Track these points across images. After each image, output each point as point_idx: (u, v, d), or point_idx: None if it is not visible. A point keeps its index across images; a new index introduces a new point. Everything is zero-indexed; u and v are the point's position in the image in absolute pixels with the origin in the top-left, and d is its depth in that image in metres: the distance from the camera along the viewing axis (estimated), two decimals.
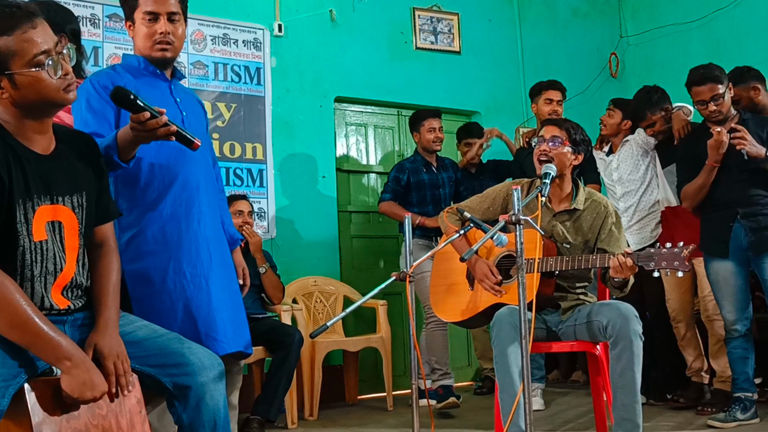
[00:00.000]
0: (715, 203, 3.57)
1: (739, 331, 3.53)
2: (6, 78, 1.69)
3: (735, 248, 3.51)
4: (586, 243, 2.97)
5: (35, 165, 1.75)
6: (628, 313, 2.66)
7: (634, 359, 2.62)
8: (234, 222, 4.02)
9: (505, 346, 2.67)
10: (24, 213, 1.71)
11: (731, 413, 3.47)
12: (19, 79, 1.69)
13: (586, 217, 2.98)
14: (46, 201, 1.76)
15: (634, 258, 2.64)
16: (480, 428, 3.77)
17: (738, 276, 3.53)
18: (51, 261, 1.77)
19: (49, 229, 1.77)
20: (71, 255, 1.83)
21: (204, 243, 2.30)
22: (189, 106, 2.42)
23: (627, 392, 2.62)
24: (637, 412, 2.63)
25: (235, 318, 2.36)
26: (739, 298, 3.53)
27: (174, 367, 1.86)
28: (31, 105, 1.73)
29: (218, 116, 4.64)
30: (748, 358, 3.54)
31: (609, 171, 4.27)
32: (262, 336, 3.82)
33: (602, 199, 3.05)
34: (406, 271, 2.38)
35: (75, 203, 1.84)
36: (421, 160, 4.54)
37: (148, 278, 2.20)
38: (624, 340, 2.63)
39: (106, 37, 4.33)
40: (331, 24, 5.11)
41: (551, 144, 2.92)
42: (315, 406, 4.19)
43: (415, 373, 2.50)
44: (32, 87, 1.70)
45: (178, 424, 1.90)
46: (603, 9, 6.29)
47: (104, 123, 2.18)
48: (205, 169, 2.41)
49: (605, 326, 2.69)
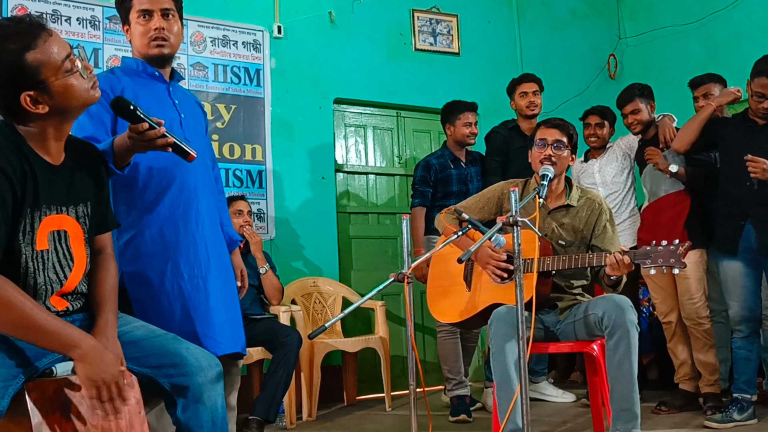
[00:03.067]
0: (726, 199, 3.55)
1: (743, 332, 3.51)
2: (43, 90, 1.70)
3: (745, 248, 3.47)
4: (581, 240, 2.99)
5: (46, 175, 1.77)
6: (624, 304, 2.68)
7: (630, 349, 2.63)
8: (234, 222, 4.06)
9: (502, 344, 2.68)
10: (31, 223, 1.73)
11: (728, 414, 3.45)
12: (55, 87, 1.71)
13: (580, 213, 3.00)
14: (52, 211, 1.78)
15: (631, 256, 2.66)
16: (478, 428, 3.78)
17: (747, 277, 3.49)
18: (52, 270, 1.78)
19: (52, 239, 1.78)
20: (79, 264, 1.84)
21: (202, 244, 2.31)
22: (187, 107, 2.43)
23: (624, 382, 2.63)
24: (635, 402, 2.64)
25: (232, 319, 2.37)
26: (747, 298, 3.49)
27: (171, 367, 1.87)
28: (67, 110, 1.76)
29: (218, 117, 4.65)
30: (752, 360, 3.51)
31: (588, 173, 4.31)
32: (261, 336, 3.83)
33: (596, 196, 3.07)
34: (405, 271, 2.39)
35: (79, 213, 1.85)
36: (449, 155, 4.38)
37: (146, 279, 2.21)
38: (620, 329, 2.64)
39: (106, 38, 4.34)
40: (330, 25, 5.13)
41: (555, 149, 2.94)
42: (314, 406, 4.20)
43: (413, 374, 2.51)
44: (67, 92, 1.73)
45: (176, 424, 1.91)
46: (601, 10, 6.30)
47: (101, 127, 2.19)
48: (204, 171, 2.41)
49: (601, 318, 2.71)
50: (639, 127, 4.06)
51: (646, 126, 4.05)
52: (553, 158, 2.92)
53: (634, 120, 4.05)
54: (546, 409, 4.20)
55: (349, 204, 5.22)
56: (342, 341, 4.47)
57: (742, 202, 3.47)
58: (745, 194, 3.45)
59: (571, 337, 2.91)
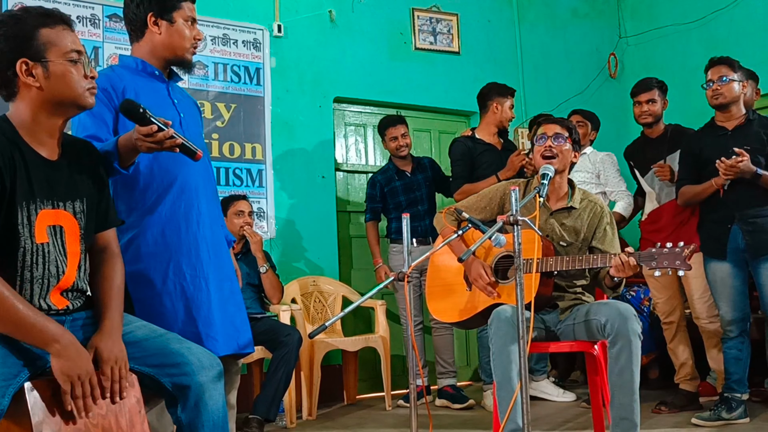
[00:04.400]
0: (715, 204, 3.58)
1: (733, 333, 3.54)
2: (41, 66, 1.76)
3: (732, 250, 3.52)
4: (582, 242, 2.98)
5: (41, 169, 1.78)
6: (627, 312, 2.67)
7: (632, 358, 2.63)
8: (235, 222, 4.06)
9: (503, 344, 2.67)
10: (27, 215, 1.74)
11: (716, 412, 3.48)
12: (53, 68, 1.77)
13: (582, 215, 3.00)
14: (48, 205, 1.79)
15: (636, 257, 2.65)
16: (478, 427, 3.78)
17: (735, 278, 3.53)
18: (53, 264, 1.79)
19: (50, 233, 1.79)
20: (72, 260, 1.85)
21: (204, 244, 2.31)
22: (186, 107, 2.43)
23: (625, 391, 2.63)
24: (635, 411, 2.64)
25: (236, 317, 2.36)
26: (735, 300, 3.53)
27: (173, 367, 1.87)
28: (57, 100, 1.80)
29: (218, 116, 4.64)
30: (742, 360, 3.53)
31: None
32: (261, 336, 3.82)
33: (597, 199, 3.07)
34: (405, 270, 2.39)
35: (76, 209, 1.86)
36: (393, 168, 4.64)
37: (148, 280, 2.20)
38: (623, 339, 2.64)
39: (106, 37, 4.34)
40: (330, 24, 5.12)
41: (555, 141, 2.94)
42: (314, 405, 4.20)
43: (413, 372, 2.51)
44: (63, 79, 1.79)
45: (177, 424, 1.91)
46: (602, 9, 6.30)
47: (102, 126, 2.18)
48: (205, 172, 2.41)
49: (604, 325, 2.70)
50: (650, 119, 4.01)
51: (656, 120, 4.02)
52: (554, 149, 2.92)
53: (648, 109, 3.99)
54: (546, 409, 4.20)
55: (350, 203, 5.21)
56: (342, 340, 4.47)
57: (729, 205, 3.52)
58: (732, 198, 3.50)
59: (572, 338, 2.91)
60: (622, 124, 5.87)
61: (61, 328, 1.72)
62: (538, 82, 5.86)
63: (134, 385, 1.85)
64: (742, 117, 3.57)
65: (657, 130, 4.04)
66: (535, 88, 5.80)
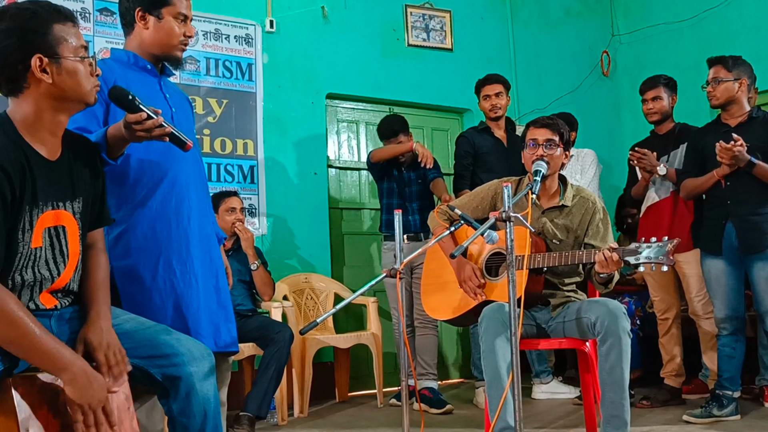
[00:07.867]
0: (711, 200, 3.60)
1: (727, 330, 3.55)
2: (55, 62, 1.75)
3: (727, 247, 3.53)
4: (576, 239, 2.98)
5: (42, 171, 1.75)
6: (617, 310, 2.67)
7: (622, 356, 2.63)
8: (227, 219, 4.04)
9: (493, 342, 2.67)
10: (29, 220, 1.72)
11: (707, 409, 3.50)
12: (66, 65, 1.77)
13: (574, 213, 2.99)
14: (49, 207, 1.77)
15: (620, 252, 2.65)
16: (470, 425, 3.77)
17: (730, 276, 3.54)
18: (44, 267, 1.76)
19: (46, 236, 1.76)
20: (73, 260, 1.83)
21: (194, 240, 2.29)
22: (177, 102, 2.41)
23: (615, 389, 2.63)
24: (626, 409, 2.64)
25: (224, 315, 2.35)
26: (730, 297, 3.54)
27: (163, 357, 1.85)
28: (65, 97, 1.78)
29: (209, 112, 4.62)
30: (735, 357, 3.54)
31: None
32: (252, 333, 3.81)
33: (590, 195, 3.06)
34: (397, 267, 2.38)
35: (75, 209, 1.84)
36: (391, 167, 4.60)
37: (137, 275, 2.19)
38: (612, 337, 2.64)
39: (97, 31, 4.31)
40: (323, 20, 5.10)
41: (547, 149, 2.92)
42: (305, 403, 4.19)
43: (405, 370, 2.50)
44: (73, 75, 1.78)
45: (169, 415, 1.89)
46: (595, 8, 6.30)
47: (92, 119, 2.16)
48: (196, 167, 2.40)
49: (594, 323, 2.70)
50: (657, 116, 4.02)
51: (663, 117, 4.02)
52: (545, 158, 2.90)
53: (653, 107, 4.01)
54: (538, 407, 4.20)
55: (342, 200, 5.20)
56: (334, 337, 4.46)
57: (724, 201, 3.53)
58: (727, 194, 3.51)
59: (562, 336, 2.91)
60: (615, 122, 5.88)
61: (75, 355, 1.69)
62: (530, 79, 5.85)
63: (123, 382, 1.83)
64: (744, 114, 3.57)
65: (665, 127, 4.05)
66: (527, 86, 5.80)
